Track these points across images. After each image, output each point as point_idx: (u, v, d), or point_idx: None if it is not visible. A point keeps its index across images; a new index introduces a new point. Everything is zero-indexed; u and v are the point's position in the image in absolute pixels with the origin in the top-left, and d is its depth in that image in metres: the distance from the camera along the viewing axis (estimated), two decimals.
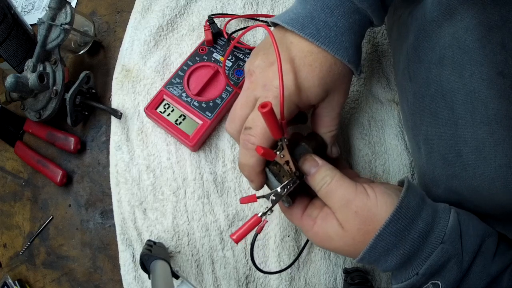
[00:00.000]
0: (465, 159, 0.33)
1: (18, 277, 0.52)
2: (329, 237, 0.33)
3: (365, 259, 0.33)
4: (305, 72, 0.35)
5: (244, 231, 0.32)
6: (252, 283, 0.46)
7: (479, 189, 0.32)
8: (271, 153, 0.31)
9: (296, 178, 0.34)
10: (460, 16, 0.32)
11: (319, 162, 0.35)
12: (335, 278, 0.46)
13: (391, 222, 0.31)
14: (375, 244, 0.31)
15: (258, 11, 0.57)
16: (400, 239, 0.31)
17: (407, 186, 0.33)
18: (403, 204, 0.32)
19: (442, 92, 0.35)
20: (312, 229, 0.34)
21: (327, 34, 0.35)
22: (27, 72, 0.49)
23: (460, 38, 0.32)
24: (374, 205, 0.32)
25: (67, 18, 0.49)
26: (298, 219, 0.36)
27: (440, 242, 0.31)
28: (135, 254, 0.48)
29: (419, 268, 0.31)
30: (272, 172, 0.35)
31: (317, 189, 0.34)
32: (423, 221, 0.31)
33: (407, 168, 0.48)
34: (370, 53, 0.54)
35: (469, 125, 0.32)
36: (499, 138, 0.30)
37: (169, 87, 0.50)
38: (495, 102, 0.30)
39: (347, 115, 0.51)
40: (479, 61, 0.31)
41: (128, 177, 0.50)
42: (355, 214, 0.32)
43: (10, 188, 0.56)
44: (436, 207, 0.33)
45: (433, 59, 0.36)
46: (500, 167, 0.30)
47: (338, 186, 0.33)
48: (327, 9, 0.35)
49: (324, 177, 0.34)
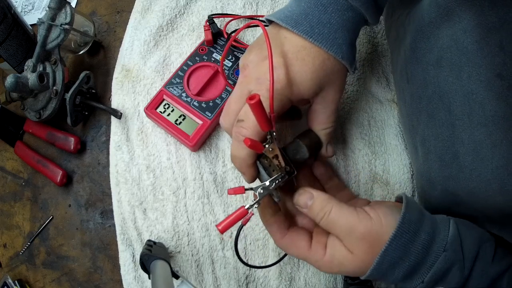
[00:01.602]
0: (461, 161, 0.33)
1: (18, 277, 0.52)
2: (340, 263, 0.34)
3: (372, 275, 0.33)
4: (297, 66, 0.35)
5: (230, 222, 0.32)
6: (252, 283, 0.46)
7: (475, 191, 0.32)
8: (258, 145, 0.32)
9: (285, 173, 0.34)
10: (458, 17, 0.32)
11: (314, 193, 0.35)
12: (335, 278, 0.46)
13: (395, 238, 0.31)
14: (381, 261, 0.32)
15: (258, 11, 0.57)
16: (405, 253, 0.31)
17: (407, 201, 0.33)
18: (405, 219, 0.32)
19: (440, 94, 0.35)
20: (323, 258, 0.34)
21: (321, 31, 0.35)
22: (27, 72, 0.49)
23: (458, 39, 0.32)
24: (380, 227, 0.32)
25: (67, 18, 0.49)
26: (305, 253, 0.35)
27: (443, 251, 0.31)
28: (135, 254, 0.48)
29: (424, 277, 0.32)
30: (262, 166, 0.35)
31: (318, 220, 0.34)
32: (425, 233, 0.32)
33: (407, 168, 0.48)
34: (370, 53, 0.54)
35: (466, 126, 0.32)
36: (496, 140, 0.30)
37: (169, 87, 0.50)
38: (492, 104, 0.30)
39: (347, 115, 0.51)
40: (477, 62, 0.31)
41: (128, 177, 0.50)
42: (362, 239, 0.32)
43: (10, 188, 0.56)
44: (435, 219, 0.34)
45: (430, 60, 0.36)
46: (497, 168, 0.30)
47: (338, 215, 0.33)
48: (321, 6, 0.36)
49: (322, 209, 0.34)
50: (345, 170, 0.49)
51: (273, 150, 0.33)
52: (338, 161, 0.49)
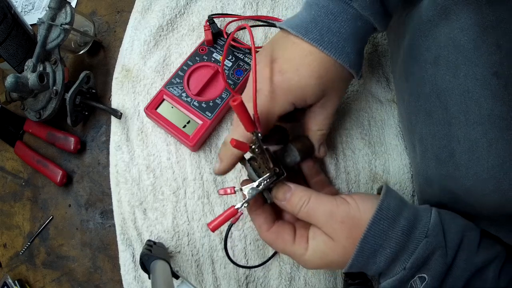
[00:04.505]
0: (458, 159, 0.33)
1: (18, 277, 0.52)
2: (323, 252, 0.34)
3: (354, 265, 0.33)
4: (303, 71, 0.36)
5: (221, 221, 0.34)
6: (252, 283, 0.46)
7: (472, 189, 0.32)
8: (244, 145, 0.33)
9: (274, 174, 0.34)
10: (456, 16, 0.32)
11: (292, 186, 0.36)
12: (335, 278, 0.46)
13: (373, 224, 0.32)
14: (362, 248, 0.32)
15: (258, 11, 0.57)
16: (385, 239, 0.32)
17: (386, 189, 0.34)
18: (383, 205, 0.33)
19: (437, 92, 0.35)
20: (307, 252, 0.35)
21: (330, 39, 0.36)
22: (27, 72, 0.49)
23: (455, 38, 0.32)
24: (357, 211, 0.33)
25: (67, 18, 0.49)
26: (290, 246, 0.36)
27: (424, 237, 0.32)
28: (135, 254, 0.48)
29: (406, 263, 0.32)
30: (252, 167, 0.36)
31: (296, 211, 0.35)
32: (406, 220, 0.32)
33: (407, 168, 0.48)
34: (370, 53, 0.54)
35: (462, 125, 0.32)
36: (492, 139, 0.30)
37: (169, 87, 0.50)
38: (489, 103, 0.30)
39: (347, 115, 0.51)
40: (473, 61, 0.31)
41: (128, 177, 0.50)
42: (341, 224, 0.33)
43: (10, 188, 0.56)
44: (417, 207, 0.34)
45: (428, 58, 0.36)
46: (492, 167, 0.30)
47: (317, 203, 0.34)
48: (331, 15, 0.36)
49: (301, 199, 0.35)
50: (345, 170, 0.49)
51: (259, 151, 0.34)
52: (338, 161, 0.49)
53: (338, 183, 0.48)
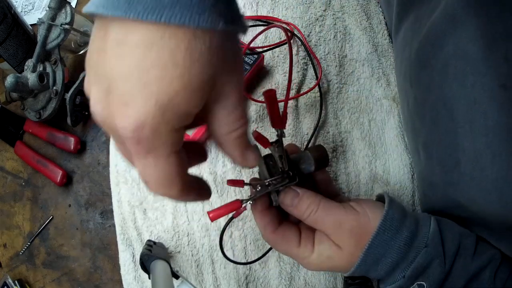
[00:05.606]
0: (462, 168, 0.33)
1: (18, 277, 0.52)
2: (329, 258, 0.34)
3: (356, 272, 0.33)
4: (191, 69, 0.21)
5: (222, 212, 0.32)
6: (252, 283, 0.46)
7: (475, 199, 0.32)
8: (265, 140, 0.32)
9: (286, 177, 0.34)
10: (465, 26, 0.32)
11: (300, 192, 0.35)
12: (335, 277, 0.46)
13: (378, 234, 0.32)
14: (365, 257, 0.32)
15: (258, 11, 0.57)
16: (387, 249, 0.32)
17: (389, 200, 0.34)
18: (387, 216, 0.32)
19: (444, 100, 0.35)
20: (312, 255, 0.34)
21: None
22: (27, 72, 0.49)
23: (464, 48, 0.32)
24: (366, 219, 0.33)
25: (67, 18, 0.49)
26: (295, 249, 0.35)
27: (424, 246, 0.32)
28: (135, 254, 0.48)
29: (405, 271, 0.32)
30: (266, 165, 0.35)
31: (304, 218, 0.34)
32: (407, 230, 0.32)
33: (407, 168, 0.48)
34: (370, 53, 0.54)
35: (468, 135, 0.32)
36: (496, 150, 0.30)
37: None
38: (495, 114, 0.30)
39: (347, 116, 0.51)
40: (481, 71, 0.31)
41: (128, 177, 0.50)
42: (350, 233, 0.33)
43: (10, 188, 0.56)
44: (417, 216, 0.34)
45: (436, 67, 0.36)
46: (496, 179, 0.30)
47: (326, 212, 0.33)
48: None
49: (309, 206, 0.34)
50: (345, 170, 0.49)
51: (278, 150, 0.33)
52: (338, 162, 0.49)
53: (338, 184, 0.48)
